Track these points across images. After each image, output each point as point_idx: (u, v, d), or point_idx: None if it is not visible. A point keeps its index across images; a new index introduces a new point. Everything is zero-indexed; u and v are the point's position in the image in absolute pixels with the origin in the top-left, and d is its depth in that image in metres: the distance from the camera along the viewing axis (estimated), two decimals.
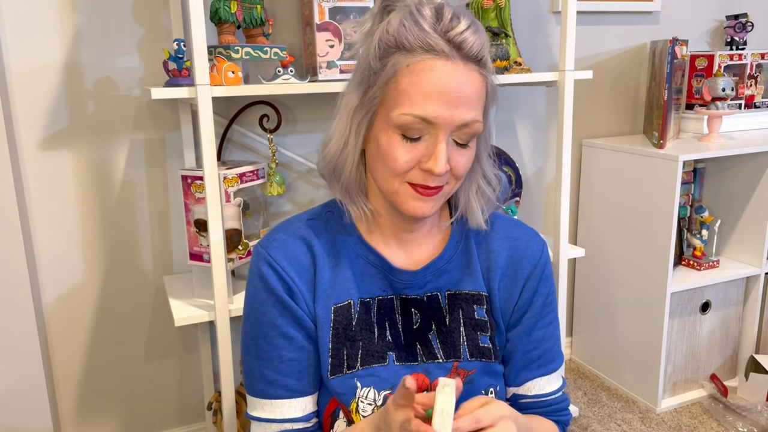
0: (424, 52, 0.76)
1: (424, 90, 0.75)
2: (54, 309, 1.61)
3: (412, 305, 0.88)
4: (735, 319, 2.07)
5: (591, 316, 2.19)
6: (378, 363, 0.85)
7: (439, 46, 0.75)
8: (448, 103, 0.75)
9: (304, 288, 0.85)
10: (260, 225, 1.59)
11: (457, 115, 0.76)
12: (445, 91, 0.75)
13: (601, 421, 1.92)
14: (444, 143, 0.77)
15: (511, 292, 0.90)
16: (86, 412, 1.70)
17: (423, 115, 0.75)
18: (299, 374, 0.86)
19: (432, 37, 0.75)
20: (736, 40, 2.16)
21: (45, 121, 1.52)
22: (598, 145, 2.07)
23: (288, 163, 1.74)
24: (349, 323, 0.86)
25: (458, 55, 0.76)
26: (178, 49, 1.32)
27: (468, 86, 0.76)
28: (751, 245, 2.02)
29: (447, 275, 0.89)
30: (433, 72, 0.75)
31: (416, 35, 0.76)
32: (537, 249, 0.91)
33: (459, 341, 0.88)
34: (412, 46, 0.76)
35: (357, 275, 0.87)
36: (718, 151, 1.82)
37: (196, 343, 1.77)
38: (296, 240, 0.87)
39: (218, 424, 1.63)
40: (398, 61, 0.77)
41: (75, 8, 1.49)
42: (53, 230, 1.57)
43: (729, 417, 1.88)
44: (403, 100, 0.76)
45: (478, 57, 0.78)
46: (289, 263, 0.85)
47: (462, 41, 0.76)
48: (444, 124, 0.76)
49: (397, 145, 0.77)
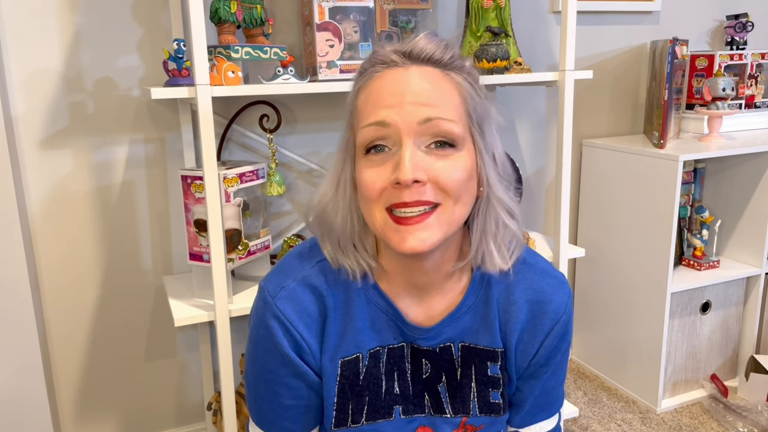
0: (377, 68, 0.75)
1: (375, 98, 0.73)
2: (54, 309, 1.61)
3: (423, 356, 0.84)
4: (735, 320, 2.06)
5: (591, 316, 2.19)
6: (383, 418, 0.84)
7: (389, 58, 0.74)
8: (402, 102, 0.71)
9: (313, 341, 0.81)
10: (260, 225, 1.59)
11: (414, 112, 0.70)
12: (396, 92, 0.72)
13: (601, 421, 1.92)
14: (409, 148, 0.70)
15: (528, 346, 0.85)
16: (86, 412, 1.70)
17: (377, 119, 0.71)
18: (295, 418, 0.85)
19: (382, 54, 0.75)
20: (737, 40, 2.16)
21: (45, 121, 1.52)
22: (598, 145, 2.06)
23: (288, 163, 1.74)
24: (357, 377, 0.83)
25: (411, 61, 0.74)
26: (178, 49, 1.32)
27: (424, 83, 0.72)
28: (751, 245, 2.02)
29: (462, 326, 0.84)
30: (382, 79, 0.74)
31: (370, 58, 0.76)
32: (561, 303, 0.84)
33: (469, 397, 0.85)
34: (365, 69, 0.76)
35: (368, 323, 0.82)
36: (719, 151, 1.82)
37: (196, 343, 1.77)
38: (305, 289, 0.81)
39: (218, 424, 1.63)
40: (357, 86, 0.77)
41: (75, 8, 1.49)
42: (53, 230, 1.57)
43: (729, 417, 1.88)
44: (362, 117, 0.74)
45: (435, 58, 0.74)
46: (299, 317, 0.80)
47: (412, 48, 0.74)
48: (402, 124, 0.70)
49: (367, 168, 0.73)
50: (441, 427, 0.85)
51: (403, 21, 1.62)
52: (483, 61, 1.55)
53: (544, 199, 2.15)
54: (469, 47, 1.70)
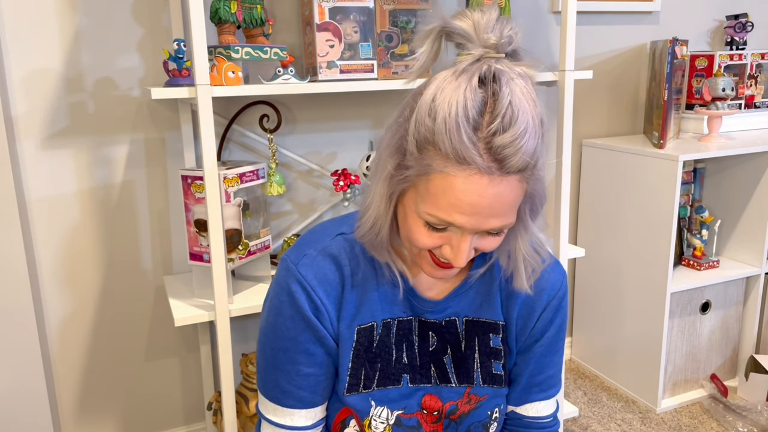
0: (459, 163, 0.69)
1: (454, 201, 0.71)
2: (54, 309, 1.61)
3: (429, 328, 0.90)
4: (735, 319, 2.07)
5: (591, 316, 2.19)
6: (393, 385, 0.88)
7: (475, 162, 0.68)
8: (477, 215, 0.72)
9: (331, 307, 0.86)
10: (260, 225, 1.59)
11: (485, 223, 0.73)
12: (475, 205, 0.71)
13: (601, 421, 1.92)
14: (468, 242, 0.75)
15: (527, 320, 0.91)
16: (86, 412, 1.70)
17: (449, 221, 0.73)
18: (314, 388, 0.88)
19: (469, 152, 0.68)
20: (736, 40, 2.16)
21: (45, 121, 1.52)
22: (598, 145, 2.06)
23: (288, 163, 1.74)
24: (371, 345, 0.88)
25: (497, 168, 0.69)
26: (178, 49, 1.32)
27: (503, 199, 0.71)
28: (751, 245, 2.02)
29: (467, 301, 0.90)
30: (466, 186, 0.70)
31: (454, 145, 0.68)
32: (557, 280, 0.92)
33: (473, 367, 0.90)
34: (447, 153, 0.69)
35: (382, 295, 0.88)
36: (718, 151, 1.82)
37: (196, 343, 1.77)
38: (326, 258, 0.85)
39: (218, 424, 1.63)
40: (433, 160, 0.71)
41: (75, 8, 1.49)
42: (53, 230, 1.57)
43: (729, 417, 1.88)
44: (432, 201, 0.73)
45: (522, 168, 0.71)
46: (319, 282, 0.84)
47: (504, 157, 0.68)
48: (470, 229, 0.74)
49: (422, 232, 0.76)
50: (446, 396, 0.90)
51: (403, 21, 1.62)
52: None
53: None
54: None
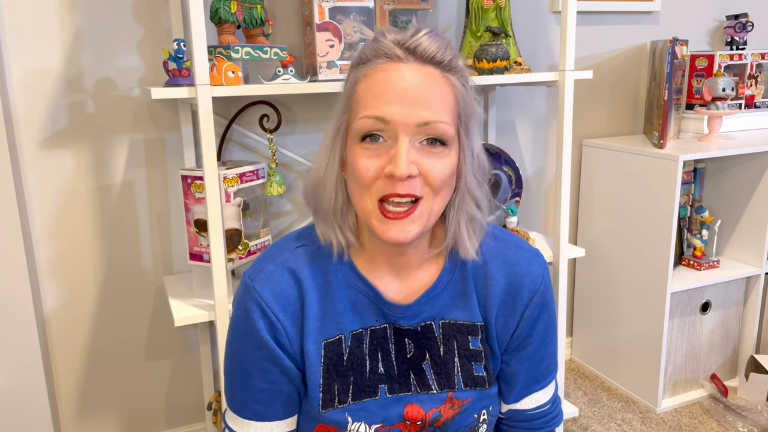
0: (380, 60, 0.77)
1: (377, 90, 0.76)
2: (54, 309, 1.61)
3: (405, 335, 0.87)
4: (735, 319, 2.07)
5: (591, 316, 2.19)
6: (369, 397, 0.85)
7: (392, 51, 0.76)
8: (403, 101, 0.74)
9: (289, 323, 0.84)
10: (260, 225, 1.59)
11: (414, 113, 0.74)
12: (398, 90, 0.75)
13: (601, 421, 1.92)
14: (405, 144, 0.74)
15: (508, 318, 0.88)
16: (86, 412, 1.70)
17: (378, 114, 0.75)
18: (268, 402, 0.86)
19: (386, 45, 0.77)
20: (736, 40, 2.16)
21: (45, 121, 1.52)
22: (598, 145, 2.06)
23: (288, 163, 1.74)
24: (340, 358, 0.85)
25: (413, 57, 0.76)
26: (178, 49, 1.32)
27: (425, 85, 0.75)
28: (751, 245, 2.02)
29: (441, 304, 0.87)
30: (386, 73, 0.76)
31: (373, 48, 0.78)
32: (537, 274, 0.88)
33: (453, 372, 0.87)
34: (368, 58, 0.78)
35: (349, 305, 0.85)
36: (718, 151, 1.82)
37: (196, 343, 1.77)
38: (283, 272, 0.84)
39: (218, 424, 1.63)
40: (358, 73, 0.79)
41: (75, 8, 1.49)
42: (53, 230, 1.57)
43: (729, 417, 1.88)
44: (361, 106, 0.77)
45: (437, 59, 0.77)
46: (275, 298, 0.83)
47: (417, 45, 0.76)
48: (401, 123, 0.74)
49: (361, 155, 0.76)
50: (428, 404, 0.86)
51: (403, 21, 1.62)
52: (483, 61, 1.55)
53: (544, 199, 2.15)
54: (469, 47, 1.70)
